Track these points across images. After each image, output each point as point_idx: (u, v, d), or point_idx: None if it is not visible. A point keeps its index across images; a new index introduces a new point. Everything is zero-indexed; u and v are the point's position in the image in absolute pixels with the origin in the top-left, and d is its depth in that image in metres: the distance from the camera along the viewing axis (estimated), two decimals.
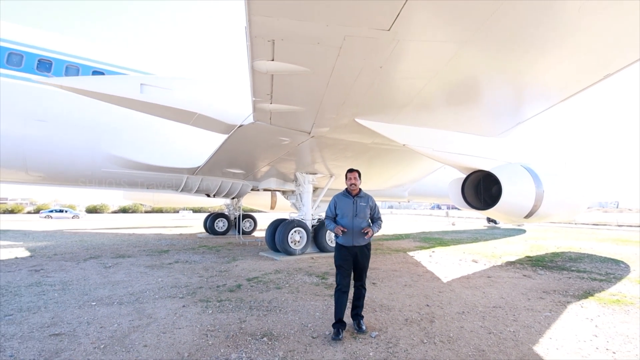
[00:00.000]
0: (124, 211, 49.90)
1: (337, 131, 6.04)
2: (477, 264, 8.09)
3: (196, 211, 42.77)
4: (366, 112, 5.17)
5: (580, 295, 5.27)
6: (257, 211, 22.81)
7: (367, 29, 3.02)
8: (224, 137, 6.63)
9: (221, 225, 15.36)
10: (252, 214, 17.67)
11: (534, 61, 3.89)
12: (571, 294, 5.34)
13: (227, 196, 12.87)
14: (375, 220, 3.82)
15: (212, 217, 15.38)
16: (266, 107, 4.87)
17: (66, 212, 37.06)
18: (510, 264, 8.14)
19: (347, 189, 3.83)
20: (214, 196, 12.49)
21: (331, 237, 9.31)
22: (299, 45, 3.29)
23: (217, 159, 8.47)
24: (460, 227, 22.82)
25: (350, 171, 3.82)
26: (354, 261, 3.68)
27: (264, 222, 16.44)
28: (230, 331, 3.58)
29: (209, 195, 12.30)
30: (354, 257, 3.66)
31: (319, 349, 3.19)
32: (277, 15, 2.83)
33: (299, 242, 8.97)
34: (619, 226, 24.32)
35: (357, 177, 3.79)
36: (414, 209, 71.43)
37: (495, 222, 22.29)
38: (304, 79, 3.97)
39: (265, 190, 12.40)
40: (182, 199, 18.43)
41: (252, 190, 12.54)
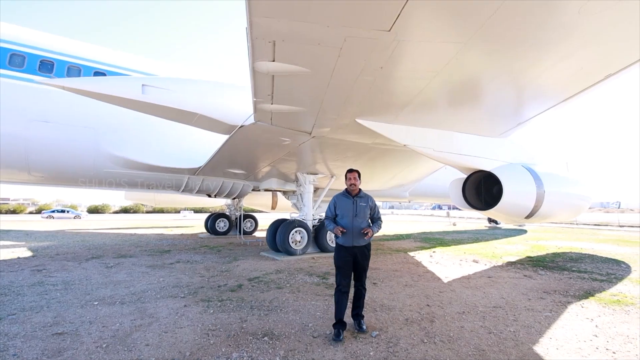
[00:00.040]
0: (125, 211, 50.08)
1: (338, 131, 6.05)
2: (477, 264, 8.09)
3: (197, 211, 42.88)
4: (367, 112, 5.18)
5: (580, 295, 5.27)
6: (258, 211, 22.85)
7: (368, 30, 3.02)
8: (225, 137, 6.66)
9: (222, 225, 15.39)
10: (253, 214, 17.71)
11: (534, 61, 3.89)
12: (572, 294, 5.34)
13: (228, 196, 12.91)
14: (375, 220, 3.82)
15: (213, 218, 15.41)
16: (267, 108, 4.89)
17: (68, 212, 37.28)
18: (510, 264, 8.14)
19: (346, 189, 3.82)
20: (215, 196, 12.52)
21: (332, 237, 9.31)
22: (299, 46, 3.31)
23: (218, 160, 8.50)
24: (461, 227, 22.80)
25: (350, 171, 3.81)
26: (353, 261, 3.66)
27: (264, 222, 16.46)
28: (231, 330, 3.60)
29: (210, 195, 12.33)
30: (353, 258, 3.65)
31: (320, 348, 3.20)
32: (278, 16, 2.84)
33: (300, 242, 8.99)
34: (621, 226, 24.24)
35: (357, 177, 3.79)
36: (415, 209, 71.39)
37: (496, 223, 22.25)
38: (304, 79, 3.99)
39: (266, 190, 12.40)
40: (183, 199, 18.44)
41: (253, 190, 12.57)
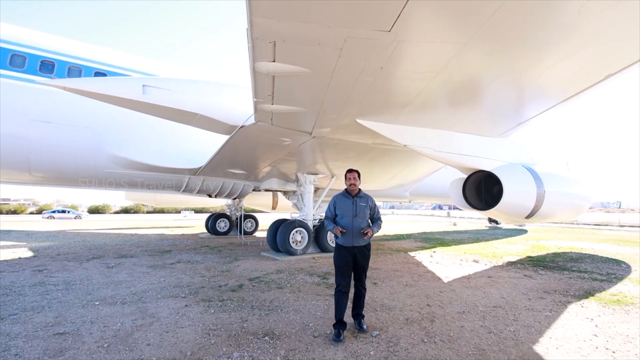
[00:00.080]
0: (126, 212, 50.13)
1: (338, 132, 6.06)
2: (478, 264, 8.09)
3: (198, 211, 42.91)
4: (367, 112, 5.19)
5: (580, 295, 5.28)
6: (258, 211, 22.87)
7: (368, 30, 3.03)
8: (226, 137, 6.67)
9: (223, 225, 15.41)
10: (254, 214, 17.73)
11: (535, 62, 3.89)
12: (572, 293, 5.35)
13: (228, 196, 12.92)
14: (375, 220, 3.82)
15: (214, 218, 15.43)
16: (267, 108, 4.90)
17: (68, 212, 37.33)
18: (511, 264, 8.14)
19: (346, 189, 3.82)
20: (216, 196, 12.52)
21: (332, 237, 9.31)
22: (300, 46, 3.32)
23: (218, 160, 8.51)
24: (461, 227, 22.80)
25: (349, 171, 3.81)
26: (353, 262, 3.66)
27: (265, 222, 16.47)
28: (232, 330, 3.61)
29: (210, 195, 12.34)
30: (353, 258, 3.65)
31: (320, 347, 3.21)
32: (278, 17, 2.85)
33: (300, 242, 9.00)
34: (621, 226, 24.24)
35: (357, 177, 3.79)
36: (416, 209, 71.39)
37: (496, 223, 22.26)
38: (305, 80, 3.99)
39: (266, 190, 12.41)
40: (184, 200, 18.47)
41: (253, 190, 12.57)
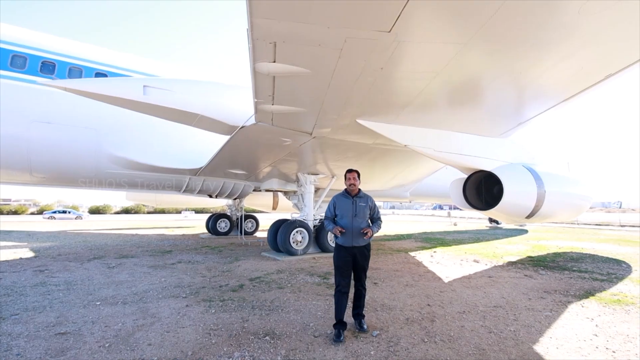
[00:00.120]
0: (126, 212, 50.16)
1: (339, 132, 6.07)
2: (478, 264, 8.09)
3: (198, 212, 42.91)
4: (367, 112, 5.20)
5: (581, 295, 5.28)
6: (259, 212, 22.90)
7: (368, 31, 3.04)
8: (226, 138, 6.68)
9: (223, 225, 15.41)
10: (254, 215, 17.73)
11: (535, 62, 3.90)
12: (572, 293, 5.35)
13: (229, 197, 12.93)
14: (375, 220, 3.82)
15: (215, 218, 15.44)
16: (268, 108, 4.91)
17: (69, 213, 37.34)
18: (511, 264, 8.15)
19: (346, 189, 3.83)
20: (216, 197, 12.53)
21: (333, 237, 9.33)
22: (300, 47, 3.33)
23: (219, 160, 8.52)
24: (462, 227, 22.80)
25: (349, 171, 3.81)
26: (353, 262, 3.66)
27: (265, 222, 16.47)
28: (233, 330, 3.62)
29: (211, 196, 12.35)
30: (353, 258, 3.65)
31: (321, 347, 3.22)
32: (279, 18, 2.86)
33: (301, 242, 9.01)
34: (622, 226, 24.22)
35: (356, 178, 3.79)
36: (416, 209, 71.39)
37: (497, 223, 22.25)
38: (305, 80, 4.00)
39: (267, 190, 12.42)
40: (185, 200, 18.49)
41: (254, 190, 12.58)
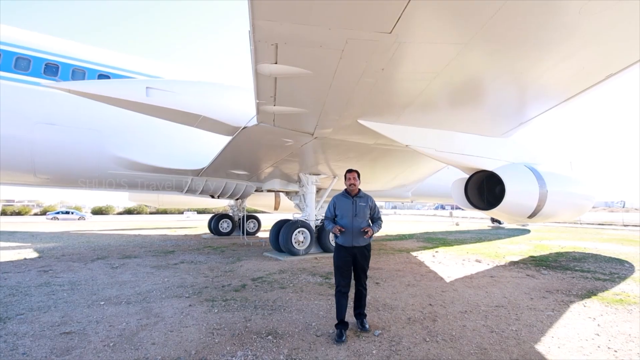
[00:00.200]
0: (129, 212, 50.29)
1: (340, 132, 6.09)
2: (480, 263, 8.09)
3: (200, 212, 42.99)
4: (369, 113, 5.22)
5: (583, 294, 5.27)
6: (260, 212, 22.89)
7: (369, 32, 3.06)
8: (228, 138, 6.71)
9: (225, 226, 15.46)
10: (256, 215, 17.76)
11: (536, 62, 3.90)
12: (574, 293, 5.35)
13: (231, 197, 12.98)
14: (375, 220, 3.82)
15: (217, 218, 15.48)
16: (270, 109, 4.93)
17: (72, 213, 37.53)
18: (513, 263, 8.14)
19: (346, 189, 3.83)
20: (218, 197, 12.58)
21: (333, 237, 9.36)
22: (301, 48, 3.35)
23: (221, 161, 8.56)
24: (464, 227, 22.77)
25: (349, 171, 3.82)
26: (353, 262, 3.66)
27: (267, 222, 16.49)
28: (235, 329, 3.64)
29: (213, 196, 12.40)
30: (353, 258, 3.65)
31: (323, 347, 3.24)
32: (281, 19, 2.89)
33: (303, 242, 9.04)
34: (625, 226, 24.12)
35: (356, 178, 3.80)
36: (418, 209, 71.28)
37: (499, 223, 22.21)
38: (307, 81, 4.03)
39: (269, 191, 12.45)
40: (187, 200, 18.54)
41: (256, 191, 12.62)
